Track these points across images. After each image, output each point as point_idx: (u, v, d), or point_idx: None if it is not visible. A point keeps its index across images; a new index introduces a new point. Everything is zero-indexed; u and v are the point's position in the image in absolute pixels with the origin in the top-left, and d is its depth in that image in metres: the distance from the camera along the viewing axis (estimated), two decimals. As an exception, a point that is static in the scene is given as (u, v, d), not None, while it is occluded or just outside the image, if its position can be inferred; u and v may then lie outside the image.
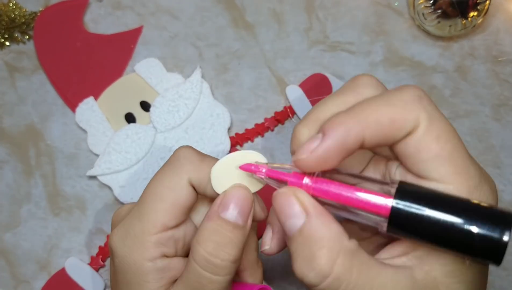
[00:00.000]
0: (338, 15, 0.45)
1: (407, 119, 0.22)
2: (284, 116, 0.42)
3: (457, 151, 0.23)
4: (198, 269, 0.25)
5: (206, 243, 0.25)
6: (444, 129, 0.23)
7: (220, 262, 0.25)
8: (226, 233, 0.25)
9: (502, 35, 0.45)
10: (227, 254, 0.25)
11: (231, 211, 0.25)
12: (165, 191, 0.26)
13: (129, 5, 0.46)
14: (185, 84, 0.42)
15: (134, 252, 0.26)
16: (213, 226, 0.25)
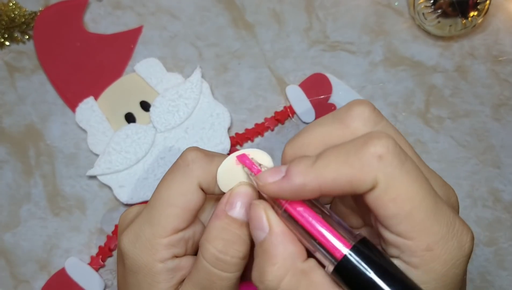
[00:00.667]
0: (338, 15, 0.45)
1: (364, 181, 0.22)
2: (284, 116, 0.42)
3: (417, 210, 0.22)
4: (208, 267, 0.26)
5: (215, 241, 0.25)
6: (402, 190, 0.22)
7: (230, 259, 0.25)
8: (234, 230, 0.25)
9: (502, 35, 0.45)
10: (236, 251, 0.26)
11: (238, 209, 0.26)
12: (175, 196, 0.26)
13: (129, 5, 0.46)
14: (185, 84, 0.42)
15: (145, 254, 0.26)
16: (221, 224, 0.26)
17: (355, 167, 0.22)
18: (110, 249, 0.39)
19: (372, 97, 0.43)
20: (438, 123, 0.42)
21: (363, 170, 0.22)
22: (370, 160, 0.22)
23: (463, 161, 0.41)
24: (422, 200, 0.22)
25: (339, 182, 0.22)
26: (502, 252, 0.39)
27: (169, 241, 0.26)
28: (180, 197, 0.26)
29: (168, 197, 0.27)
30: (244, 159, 0.26)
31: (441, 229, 0.22)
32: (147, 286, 0.27)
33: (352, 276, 0.22)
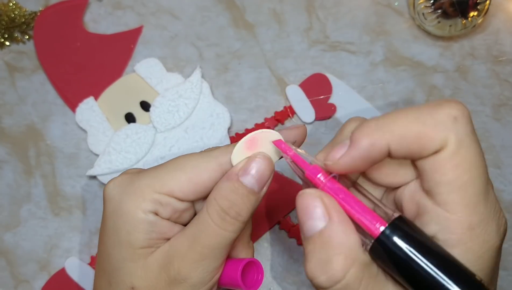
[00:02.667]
0: (339, 15, 0.45)
1: (434, 139, 0.22)
2: (284, 116, 0.42)
3: (472, 183, 0.22)
4: (208, 220, 0.26)
5: (222, 200, 0.26)
6: (467, 158, 0.22)
7: (230, 219, 0.26)
8: (241, 195, 0.26)
9: (502, 35, 0.45)
10: (238, 215, 0.26)
11: (250, 177, 0.26)
12: (187, 165, 0.27)
13: (129, 5, 0.46)
14: (185, 84, 0.42)
15: (130, 200, 0.27)
16: (230, 186, 0.26)
17: (427, 124, 0.22)
18: (110, 249, 0.39)
19: (372, 97, 0.43)
20: (438, 123, 0.42)
21: (436, 128, 0.22)
22: (445, 119, 0.22)
23: (463, 161, 0.41)
24: (479, 175, 0.22)
25: (408, 139, 0.22)
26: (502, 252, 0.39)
27: (159, 197, 0.27)
28: (192, 167, 0.27)
29: (180, 163, 0.28)
30: (280, 143, 0.26)
31: (486, 209, 0.22)
32: (125, 233, 0.27)
33: (387, 255, 0.22)
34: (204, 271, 0.27)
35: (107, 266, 0.28)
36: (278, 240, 0.39)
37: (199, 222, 0.27)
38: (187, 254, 0.27)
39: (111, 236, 0.28)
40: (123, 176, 0.29)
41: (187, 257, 0.27)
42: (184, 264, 0.27)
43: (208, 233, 0.26)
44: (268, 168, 0.27)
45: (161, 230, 0.28)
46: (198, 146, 0.41)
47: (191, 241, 0.27)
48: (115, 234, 0.28)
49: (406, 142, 0.22)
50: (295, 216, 0.40)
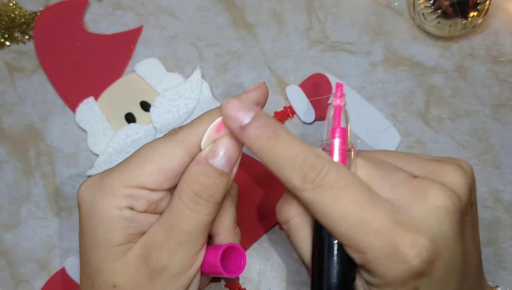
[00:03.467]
0: (338, 15, 0.45)
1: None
2: (284, 116, 0.42)
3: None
4: (181, 206, 0.26)
5: (193, 184, 0.26)
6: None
7: (203, 202, 0.26)
8: (212, 178, 0.26)
9: (502, 35, 0.45)
10: (211, 197, 0.26)
11: (219, 159, 0.26)
12: (155, 154, 0.27)
13: (129, 5, 0.46)
14: (185, 84, 0.42)
15: (103, 199, 0.27)
16: (200, 169, 0.26)
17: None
18: (110, 249, 0.39)
19: (372, 97, 0.43)
20: (438, 124, 0.42)
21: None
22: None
23: (463, 161, 0.41)
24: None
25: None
26: (502, 252, 0.39)
27: (131, 192, 0.27)
28: (160, 155, 0.27)
29: (147, 153, 0.27)
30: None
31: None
32: (102, 232, 0.27)
33: None
34: (183, 258, 0.27)
35: (88, 268, 0.28)
36: (278, 240, 0.39)
37: (172, 209, 0.27)
38: (164, 242, 0.26)
39: (89, 237, 0.27)
40: (93, 177, 0.28)
41: (164, 246, 0.26)
42: (162, 253, 0.26)
43: (183, 218, 0.26)
44: (236, 148, 0.27)
45: (138, 224, 0.27)
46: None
47: (167, 229, 0.27)
48: (92, 235, 0.27)
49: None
50: (295, 216, 0.40)
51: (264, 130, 0.25)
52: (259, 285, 0.38)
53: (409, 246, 0.22)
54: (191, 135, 0.27)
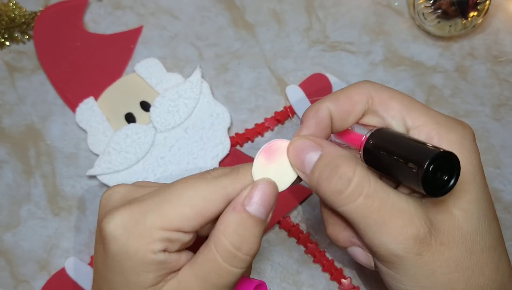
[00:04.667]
0: (338, 15, 0.45)
1: (363, 92, 0.29)
2: (284, 116, 0.42)
3: (413, 102, 0.28)
4: (219, 260, 0.25)
5: (232, 236, 0.25)
6: (394, 91, 0.29)
7: (242, 255, 0.25)
8: (250, 227, 0.25)
9: (502, 35, 0.45)
10: (250, 249, 0.25)
11: (256, 205, 0.25)
12: (196, 198, 0.26)
13: (129, 5, 0.46)
14: (185, 84, 0.42)
15: (139, 241, 0.25)
16: (238, 218, 0.25)
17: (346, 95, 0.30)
18: (110, 249, 0.39)
19: (372, 97, 0.43)
20: (438, 123, 0.42)
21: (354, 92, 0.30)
22: (356, 86, 0.30)
23: (463, 161, 0.41)
24: (413, 99, 0.29)
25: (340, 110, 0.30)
26: (502, 252, 0.39)
27: (168, 236, 0.25)
28: (199, 199, 0.25)
29: (185, 194, 0.26)
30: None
31: (439, 113, 0.28)
32: (134, 275, 0.26)
33: (374, 157, 0.27)
34: None
35: None
36: (278, 240, 0.39)
37: (208, 260, 0.26)
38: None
39: (118, 276, 0.26)
40: (124, 213, 0.26)
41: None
42: None
43: (219, 272, 0.25)
44: (273, 192, 0.26)
45: (170, 265, 0.26)
46: (198, 146, 0.41)
47: (200, 281, 0.26)
48: (122, 275, 0.26)
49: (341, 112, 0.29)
50: (294, 216, 0.40)
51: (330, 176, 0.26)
52: (259, 285, 0.38)
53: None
54: (235, 183, 0.26)
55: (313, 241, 0.39)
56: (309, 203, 0.40)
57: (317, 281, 0.38)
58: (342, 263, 0.39)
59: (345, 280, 0.38)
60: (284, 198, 0.40)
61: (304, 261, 0.39)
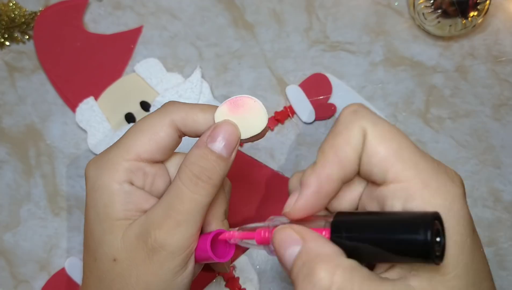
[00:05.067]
0: (338, 15, 0.45)
1: (352, 136, 0.24)
2: (284, 116, 0.42)
3: (403, 148, 0.24)
4: (181, 187, 0.27)
5: (192, 165, 0.28)
6: (386, 132, 0.24)
7: (202, 183, 0.27)
8: (211, 161, 0.28)
9: (502, 35, 0.45)
10: (209, 178, 0.28)
11: (218, 143, 0.28)
12: (145, 125, 0.29)
13: (129, 5, 0.46)
14: (185, 84, 0.42)
15: (105, 174, 0.28)
16: (199, 153, 0.28)
17: (341, 132, 0.25)
18: (110, 249, 0.39)
19: (372, 97, 0.43)
20: (438, 123, 0.42)
21: (348, 128, 0.25)
22: (347, 116, 0.26)
23: (463, 161, 0.41)
24: (405, 140, 0.25)
25: (342, 157, 0.25)
26: (502, 252, 0.39)
27: (129, 165, 0.28)
28: (149, 127, 0.29)
29: (138, 126, 0.29)
30: (224, 235, 0.29)
31: (429, 164, 0.24)
32: (102, 206, 0.28)
33: (346, 247, 0.23)
34: (181, 237, 0.27)
35: (91, 243, 0.29)
36: (278, 240, 0.39)
37: (172, 190, 0.28)
38: (163, 222, 0.27)
39: (91, 211, 0.29)
40: (97, 156, 0.30)
41: (163, 225, 0.27)
42: (161, 233, 0.27)
43: (182, 198, 0.27)
44: (235, 134, 0.28)
45: (137, 200, 0.28)
46: (198, 146, 0.41)
47: (166, 209, 0.27)
48: (94, 208, 0.29)
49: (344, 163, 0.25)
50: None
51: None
52: (259, 284, 0.38)
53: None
54: (179, 111, 0.29)
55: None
56: (309, 203, 0.40)
57: (317, 281, 0.38)
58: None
59: (345, 280, 0.38)
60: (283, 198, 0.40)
61: (304, 261, 0.39)
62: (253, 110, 0.29)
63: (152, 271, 0.27)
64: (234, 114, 0.28)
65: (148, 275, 0.28)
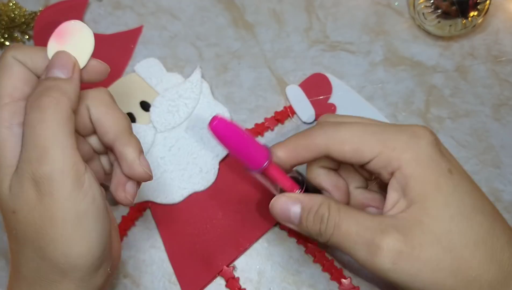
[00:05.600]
0: (338, 14, 0.45)
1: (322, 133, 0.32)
2: (284, 116, 0.42)
3: (368, 127, 0.31)
4: (32, 117, 0.27)
5: (38, 96, 0.27)
6: (344, 136, 0.31)
7: (50, 104, 0.27)
8: (52, 83, 0.28)
9: (502, 34, 0.45)
10: (55, 98, 0.27)
11: (54, 70, 0.29)
12: (9, 70, 0.29)
13: (129, 5, 0.46)
14: (185, 84, 0.42)
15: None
16: (41, 84, 0.28)
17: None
18: (110, 249, 0.39)
19: (372, 97, 0.43)
20: (438, 123, 0.42)
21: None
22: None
23: (463, 161, 0.41)
24: (369, 125, 0.31)
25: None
26: (502, 252, 0.39)
27: (11, 107, 0.28)
28: (3, 70, 0.29)
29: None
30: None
31: (391, 132, 0.30)
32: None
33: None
34: (56, 161, 0.26)
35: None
36: (278, 240, 0.39)
37: (28, 123, 0.27)
38: (33, 154, 0.26)
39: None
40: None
41: (34, 158, 0.26)
42: (36, 165, 0.26)
43: (39, 126, 0.26)
44: (66, 56, 0.29)
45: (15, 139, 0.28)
46: (198, 146, 0.41)
47: (31, 142, 0.26)
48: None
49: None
50: (295, 216, 0.40)
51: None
52: (259, 285, 0.38)
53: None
54: (21, 53, 0.29)
55: (313, 241, 0.39)
56: (309, 203, 0.40)
57: (317, 281, 0.38)
58: (342, 263, 0.39)
59: (345, 280, 0.38)
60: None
61: (304, 261, 0.39)
62: (77, 32, 0.30)
63: (49, 206, 0.26)
64: (63, 44, 0.29)
65: (48, 211, 0.26)
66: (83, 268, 0.27)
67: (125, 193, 0.30)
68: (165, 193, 0.40)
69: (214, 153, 0.41)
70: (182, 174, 0.40)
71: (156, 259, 0.39)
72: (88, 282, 0.28)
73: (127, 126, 0.31)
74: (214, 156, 0.40)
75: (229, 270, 0.38)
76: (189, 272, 0.38)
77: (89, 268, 0.27)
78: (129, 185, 0.30)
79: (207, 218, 0.39)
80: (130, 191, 0.30)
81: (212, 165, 0.40)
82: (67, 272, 0.27)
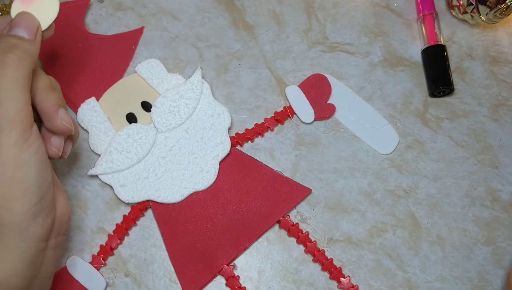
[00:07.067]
0: (337, 16, 0.46)
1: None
2: (284, 116, 0.43)
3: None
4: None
5: (1, 44, 0.30)
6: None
7: (9, 60, 0.29)
8: (13, 40, 0.30)
9: (500, 36, 0.45)
10: (15, 54, 0.29)
11: (16, 28, 0.31)
12: None
13: (130, 6, 0.46)
14: (186, 85, 0.42)
15: None
16: (4, 37, 0.30)
17: None
18: (112, 248, 0.39)
19: (371, 98, 0.43)
20: (436, 124, 0.43)
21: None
22: None
23: (462, 161, 0.42)
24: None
25: None
26: (500, 251, 0.40)
27: None
28: None
29: None
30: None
31: None
32: None
33: None
34: (8, 112, 0.28)
35: None
36: (278, 239, 0.40)
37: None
38: None
39: None
40: None
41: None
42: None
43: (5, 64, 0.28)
44: (30, 18, 0.31)
45: None
46: (199, 146, 0.41)
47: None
48: None
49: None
50: (294, 215, 0.40)
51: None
52: (259, 283, 0.39)
53: None
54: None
55: (312, 240, 0.39)
56: (308, 203, 0.41)
57: (316, 279, 0.39)
58: (341, 262, 0.39)
59: (344, 278, 0.38)
60: (283, 198, 0.40)
61: (304, 260, 0.39)
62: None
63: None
64: (28, 6, 0.32)
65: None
66: (19, 213, 0.28)
67: (53, 147, 0.33)
68: (166, 193, 0.40)
69: (215, 153, 0.41)
70: (182, 173, 0.40)
71: (157, 258, 0.39)
72: (26, 230, 0.29)
73: (47, 84, 0.33)
74: (214, 156, 0.41)
75: (229, 269, 0.38)
76: (190, 270, 0.38)
77: (25, 213, 0.28)
78: (54, 139, 0.33)
79: (208, 217, 0.40)
80: (56, 144, 0.33)
81: (213, 165, 0.41)
82: (3, 217, 0.28)
